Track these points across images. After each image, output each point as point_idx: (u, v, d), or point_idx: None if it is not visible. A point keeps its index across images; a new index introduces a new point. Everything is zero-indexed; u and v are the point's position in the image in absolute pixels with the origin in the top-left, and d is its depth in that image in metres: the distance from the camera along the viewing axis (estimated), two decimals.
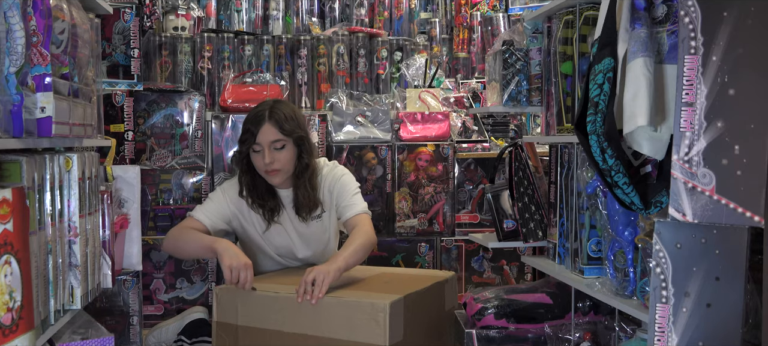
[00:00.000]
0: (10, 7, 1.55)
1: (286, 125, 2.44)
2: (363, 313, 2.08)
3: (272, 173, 2.47)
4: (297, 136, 2.47)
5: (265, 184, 2.54)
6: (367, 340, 2.07)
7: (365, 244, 2.40)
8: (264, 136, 2.44)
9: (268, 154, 2.44)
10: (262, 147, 2.45)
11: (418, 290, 2.28)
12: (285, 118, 2.45)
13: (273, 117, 2.44)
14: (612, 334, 2.11)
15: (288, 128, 2.44)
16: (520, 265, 3.43)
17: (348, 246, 2.37)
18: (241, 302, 2.25)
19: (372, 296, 2.14)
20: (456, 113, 3.52)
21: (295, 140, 2.47)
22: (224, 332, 2.29)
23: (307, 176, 2.51)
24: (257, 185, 2.54)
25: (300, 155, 2.50)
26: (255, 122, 2.46)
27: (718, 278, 1.45)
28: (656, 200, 1.62)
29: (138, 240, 2.53)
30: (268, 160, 2.44)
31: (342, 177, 2.58)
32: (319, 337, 2.14)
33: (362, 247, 2.39)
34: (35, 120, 1.64)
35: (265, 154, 2.44)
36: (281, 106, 2.50)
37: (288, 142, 2.46)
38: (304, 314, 2.16)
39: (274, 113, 2.44)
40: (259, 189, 2.54)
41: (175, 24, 3.67)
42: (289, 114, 2.47)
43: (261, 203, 2.54)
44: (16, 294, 1.48)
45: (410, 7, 4.16)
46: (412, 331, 2.20)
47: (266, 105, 2.49)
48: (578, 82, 2.05)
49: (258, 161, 2.48)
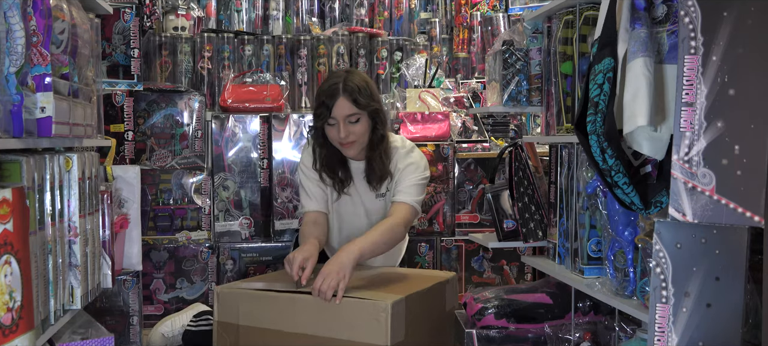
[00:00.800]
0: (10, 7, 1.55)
1: (360, 99, 2.42)
2: (364, 313, 2.08)
3: (347, 145, 2.47)
4: (372, 109, 2.46)
5: (338, 155, 2.55)
6: (369, 340, 2.07)
7: (387, 238, 2.38)
8: (339, 110, 2.42)
9: (343, 128, 2.43)
10: (337, 121, 2.44)
11: (420, 290, 2.28)
12: (359, 90, 2.42)
13: (347, 90, 2.41)
14: (612, 334, 2.11)
15: (363, 102, 2.43)
16: (520, 265, 3.43)
17: (368, 235, 2.35)
18: (242, 302, 2.25)
19: (373, 295, 2.13)
20: (456, 113, 3.52)
21: (369, 113, 2.46)
22: (225, 331, 2.29)
23: (382, 147, 2.51)
24: (331, 156, 2.55)
25: (374, 127, 2.49)
26: (329, 95, 2.43)
27: (718, 278, 1.45)
28: (656, 200, 1.62)
29: (138, 240, 2.53)
30: (343, 134, 2.44)
31: (410, 164, 2.54)
32: (320, 337, 2.13)
33: (383, 239, 2.37)
34: (35, 120, 1.64)
35: (340, 128, 2.43)
36: (354, 77, 2.47)
37: (363, 116, 2.45)
38: (305, 314, 2.16)
39: (347, 86, 2.42)
40: (332, 160, 2.55)
41: (175, 24, 3.67)
42: (363, 86, 2.45)
43: (332, 174, 2.56)
44: (16, 294, 1.48)
45: (410, 7, 4.17)
46: (414, 331, 2.20)
47: (339, 77, 2.46)
48: (578, 82, 2.05)
49: (333, 134, 2.47)
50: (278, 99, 3.39)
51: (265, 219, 3.35)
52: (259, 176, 3.34)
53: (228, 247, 3.32)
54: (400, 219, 2.44)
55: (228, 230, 3.32)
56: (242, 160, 3.34)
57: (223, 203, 3.32)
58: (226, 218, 3.33)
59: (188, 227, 3.29)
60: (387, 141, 2.54)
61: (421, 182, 2.55)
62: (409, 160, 2.55)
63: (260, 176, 3.34)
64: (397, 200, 2.51)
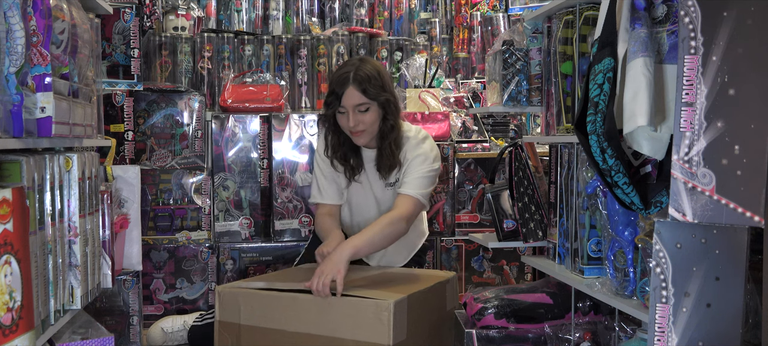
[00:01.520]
0: (10, 7, 1.55)
1: (370, 89, 2.42)
2: (367, 312, 2.08)
3: (357, 133, 2.48)
4: (382, 99, 2.46)
5: (350, 142, 2.55)
6: (371, 339, 2.07)
7: (387, 232, 2.37)
8: (348, 99, 2.43)
9: (352, 117, 2.44)
10: (347, 110, 2.45)
11: (421, 289, 2.28)
12: (369, 80, 2.42)
13: (357, 79, 2.41)
14: (612, 334, 2.11)
15: (372, 92, 2.43)
16: (520, 265, 3.43)
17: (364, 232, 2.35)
18: (243, 302, 2.25)
19: (375, 294, 2.13)
20: (456, 113, 3.52)
21: (380, 103, 2.46)
22: (227, 331, 2.29)
23: (392, 137, 2.51)
24: (342, 144, 2.56)
25: (385, 117, 2.49)
26: (339, 84, 2.44)
27: (718, 278, 1.45)
28: (656, 200, 1.62)
29: (138, 240, 2.53)
30: (352, 123, 2.45)
31: (419, 155, 2.52)
32: (322, 336, 2.13)
33: (381, 235, 2.36)
34: (35, 120, 1.64)
35: (350, 117, 2.44)
36: (366, 66, 2.46)
37: (372, 106, 2.45)
38: (307, 313, 2.16)
39: (358, 75, 2.42)
40: (343, 148, 2.56)
41: (175, 24, 3.67)
42: (374, 75, 2.44)
43: (344, 161, 2.57)
44: (16, 294, 1.48)
45: (410, 7, 4.17)
46: (415, 330, 2.20)
47: (351, 66, 2.46)
48: (578, 82, 2.05)
49: (343, 122, 2.48)
50: (278, 99, 3.39)
51: (265, 219, 3.36)
52: (259, 175, 3.34)
53: (228, 247, 3.32)
54: (402, 213, 2.43)
55: (228, 230, 3.32)
56: (242, 160, 3.34)
57: (223, 203, 3.32)
58: (226, 218, 3.33)
59: (188, 227, 3.29)
60: (398, 131, 2.53)
61: (428, 174, 2.52)
62: (419, 151, 2.53)
63: (260, 176, 3.34)
64: (402, 192, 2.49)
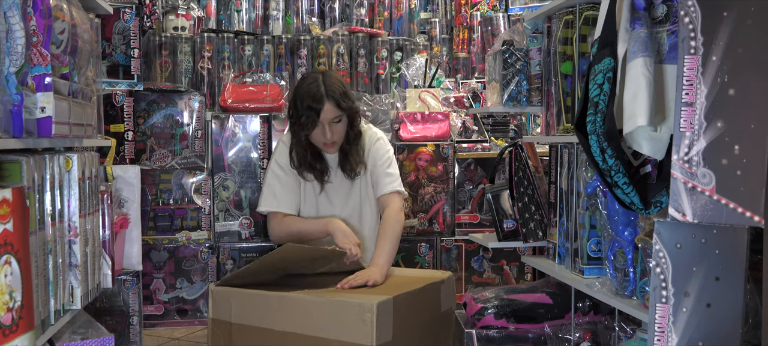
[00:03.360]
0: (10, 7, 1.55)
1: (343, 102, 2.54)
2: (351, 313, 2.09)
3: (330, 145, 2.58)
4: (352, 110, 2.59)
5: (313, 151, 2.63)
6: (355, 340, 2.08)
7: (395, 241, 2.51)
8: (326, 114, 2.53)
9: (328, 130, 2.54)
10: (322, 124, 2.54)
11: (410, 291, 2.28)
12: (340, 94, 2.54)
13: (331, 95, 2.52)
14: (612, 334, 2.11)
15: (345, 105, 2.54)
16: (520, 265, 3.43)
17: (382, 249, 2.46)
18: (234, 300, 2.26)
19: (361, 296, 2.15)
20: (456, 113, 3.52)
21: (349, 113, 2.58)
22: (219, 329, 2.30)
23: (357, 141, 2.65)
24: (307, 154, 2.63)
25: (351, 124, 2.61)
26: (316, 100, 2.52)
27: (718, 278, 1.45)
28: (656, 200, 1.62)
29: (138, 240, 2.53)
30: (328, 136, 2.54)
31: (377, 142, 2.68)
32: (308, 336, 2.15)
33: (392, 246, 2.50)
34: (35, 120, 1.64)
35: (326, 130, 2.54)
36: (332, 81, 2.57)
37: (343, 116, 2.56)
38: (294, 313, 2.17)
39: (331, 91, 2.53)
40: (309, 158, 2.63)
41: (175, 24, 3.67)
42: (341, 89, 2.56)
43: (311, 169, 2.64)
44: (16, 294, 1.48)
45: (410, 7, 4.17)
46: (403, 332, 2.20)
47: (319, 82, 2.55)
48: (578, 82, 2.05)
49: (317, 135, 2.56)
50: (278, 99, 3.39)
51: (264, 219, 3.35)
52: (259, 175, 3.34)
53: (228, 247, 3.32)
54: (394, 210, 2.57)
55: (228, 229, 3.32)
56: (242, 160, 3.34)
57: (223, 203, 3.32)
58: (226, 218, 3.33)
59: (188, 227, 3.29)
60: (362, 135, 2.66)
61: (393, 161, 2.68)
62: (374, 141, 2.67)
63: (260, 175, 3.34)
64: (385, 192, 2.62)
